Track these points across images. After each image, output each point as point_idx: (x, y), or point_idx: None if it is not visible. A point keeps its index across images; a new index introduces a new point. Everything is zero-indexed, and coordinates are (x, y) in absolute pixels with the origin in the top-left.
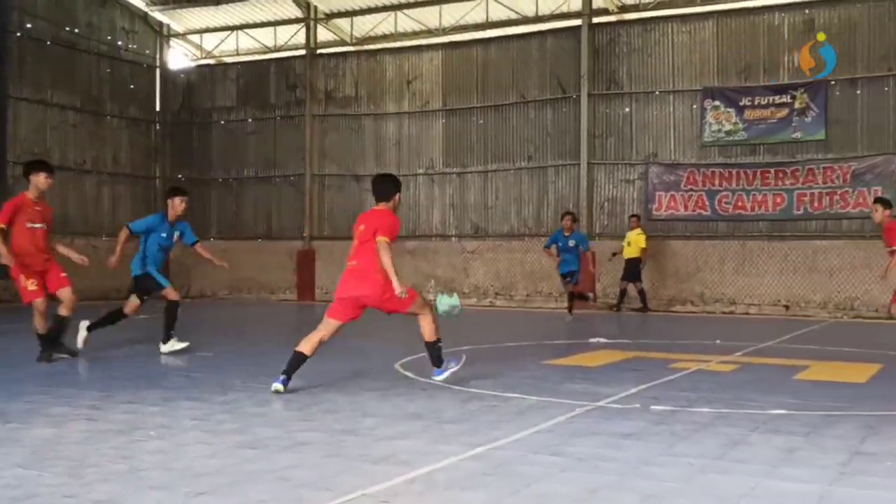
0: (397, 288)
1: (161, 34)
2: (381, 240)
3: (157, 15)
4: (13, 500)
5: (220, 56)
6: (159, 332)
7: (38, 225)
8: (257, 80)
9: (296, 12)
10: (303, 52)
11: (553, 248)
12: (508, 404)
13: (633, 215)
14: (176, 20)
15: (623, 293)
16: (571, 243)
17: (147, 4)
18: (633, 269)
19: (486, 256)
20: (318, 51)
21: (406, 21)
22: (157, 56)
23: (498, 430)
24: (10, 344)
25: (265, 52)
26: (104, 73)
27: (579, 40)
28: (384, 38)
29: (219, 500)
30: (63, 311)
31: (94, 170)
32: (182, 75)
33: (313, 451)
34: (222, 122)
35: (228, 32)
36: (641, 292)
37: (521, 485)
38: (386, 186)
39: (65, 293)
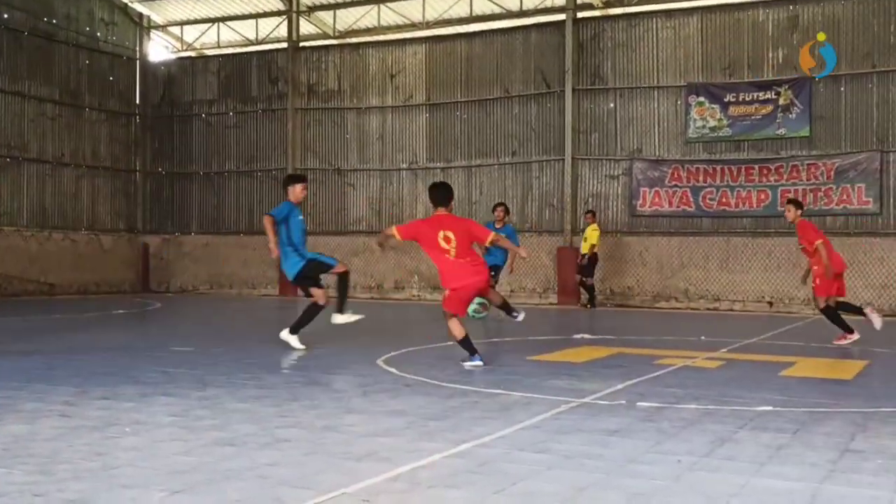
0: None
1: (141, 26)
2: (492, 239)
3: (137, 6)
4: None
5: (201, 48)
6: (136, 329)
7: None
8: (239, 73)
9: (278, 5)
10: (285, 45)
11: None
12: (492, 400)
13: (587, 211)
14: (156, 11)
15: (590, 289)
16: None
17: None
18: (588, 265)
19: None
20: (301, 44)
21: (389, 14)
22: (137, 48)
23: (482, 427)
24: None
25: (247, 45)
26: (83, 64)
27: (564, 35)
28: (367, 31)
29: (195, 499)
30: None
31: (72, 163)
32: (162, 67)
33: (293, 449)
34: (203, 116)
35: (209, 24)
36: (590, 288)
37: (507, 483)
38: (446, 193)
39: None
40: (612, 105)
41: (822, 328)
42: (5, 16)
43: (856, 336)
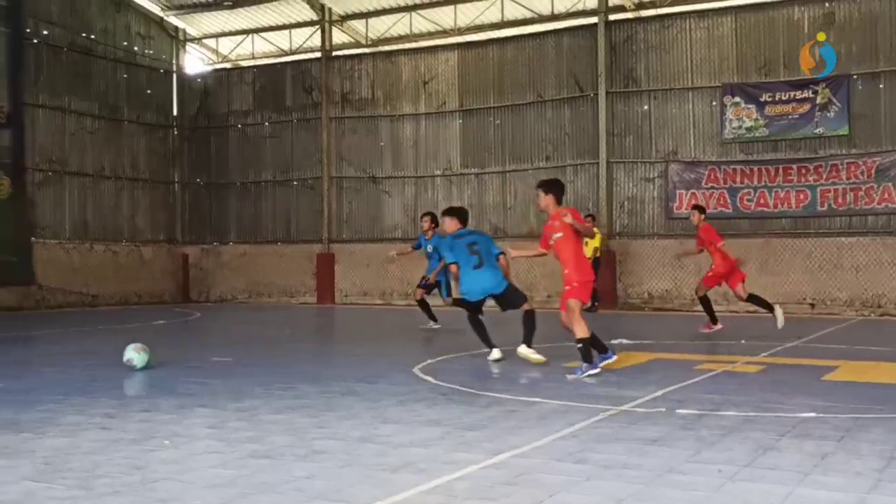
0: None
1: (177, 39)
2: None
3: (173, 20)
4: None
5: (236, 60)
6: (176, 339)
7: None
8: (273, 83)
9: (311, 15)
10: (318, 54)
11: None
12: (529, 409)
13: (587, 215)
14: (192, 25)
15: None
16: (430, 248)
17: (163, 9)
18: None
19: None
20: (334, 53)
21: (421, 22)
22: (174, 61)
23: (519, 437)
24: (23, 352)
25: (281, 56)
26: (121, 78)
27: (596, 38)
28: (399, 39)
29: None
30: None
31: (112, 175)
32: (199, 80)
33: (329, 461)
34: (239, 126)
35: (244, 36)
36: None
37: (544, 494)
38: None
39: None
40: (646, 107)
41: (865, 330)
42: (45, 32)
43: (719, 327)
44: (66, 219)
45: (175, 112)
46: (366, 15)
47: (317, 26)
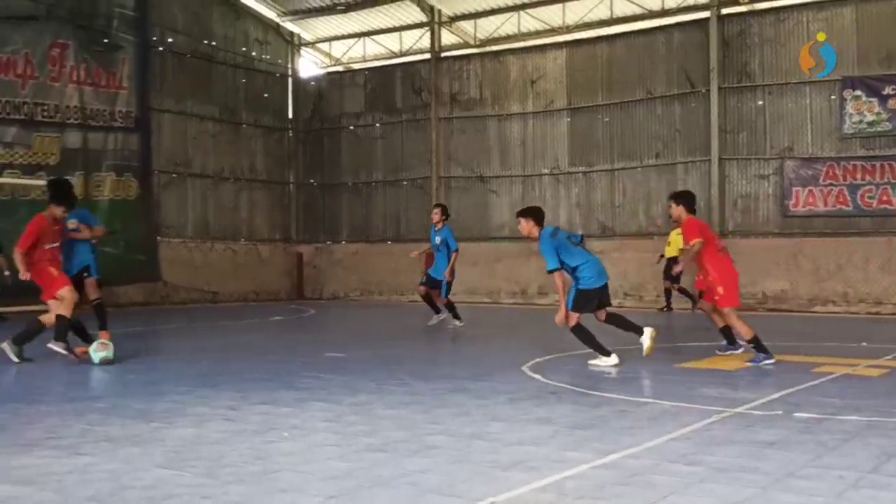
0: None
1: (292, 44)
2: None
3: (289, 25)
4: (151, 499)
5: (348, 63)
6: (292, 335)
7: None
8: (384, 85)
9: (420, 17)
10: (427, 55)
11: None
12: (640, 410)
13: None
14: (306, 29)
15: (668, 293)
16: (438, 241)
17: (279, 15)
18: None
19: (612, 256)
20: (443, 54)
21: (529, 21)
22: (289, 65)
23: (630, 437)
24: (151, 346)
25: (391, 58)
26: (240, 83)
27: (707, 33)
28: (507, 38)
29: None
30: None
31: (231, 177)
32: (313, 83)
33: (442, 456)
34: (351, 128)
35: (356, 39)
36: (674, 291)
37: (657, 496)
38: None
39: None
40: (760, 103)
41: None
42: (170, 40)
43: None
44: (188, 219)
45: (290, 115)
46: (474, 15)
47: (426, 28)
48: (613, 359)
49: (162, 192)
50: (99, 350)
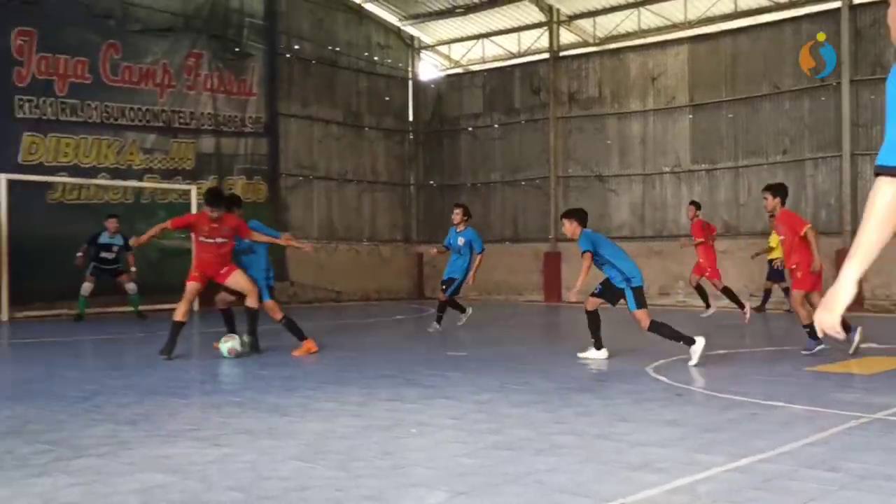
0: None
1: (412, 47)
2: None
3: (409, 29)
4: (288, 490)
5: (467, 65)
6: (414, 334)
7: None
8: (502, 85)
9: (539, 17)
10: (546, 55)
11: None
12: (772, 413)
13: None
14: (426, 33)
15: (767, 294)
16: (461, 241)
17: (400, 19)
18: (778, 270)
19: (737, 256)
20: (561, 53)
21: (650, 17)
22: (410, 68)
23: (762, 441)
24: (281, 344)
25: (510, 58)
26: (362, 87)
27: (839, 23)
28: (627, 35)
29: (477, 502)
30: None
31: (354, 179)
32: (432, 85)
33: (569, 455)
34: (470, 129)
35: (475, 41)
36: (780, 291)
37: (796, 502)
38: None
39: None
40: None
41: None
42: (296, 47)
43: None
44: (314, 220)
45: (411, 117)
46: (593, 14)
47: (545, 28)
48: (604, 353)
49: (289, 194)
50: (226, 341)
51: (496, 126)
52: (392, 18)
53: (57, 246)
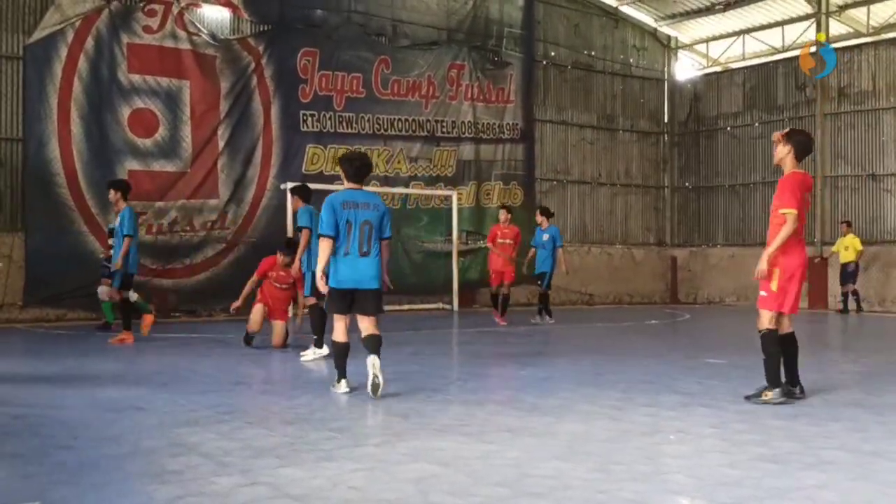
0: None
1: (668, 47)
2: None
3: (665, 29)
4: (552, 489)
5: (725, 63)
6: (669, 339)
7: None
8: (764, 82)
9: (805, 8)
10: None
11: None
12: None
13: (844, 221)
14: (682, 32)
15: (847, 296)
16: (546, 237)
17: (656, 20)
18: (851, 272)
19: None
20: (830, 45)
21: None
22: (665, 69)
23: None
24: (538, 344)
25: (772, 54)
26: (617, 90)
27: None
28: None
29: None
30: None
31: (607, 182)
32: (689, 85)
33: (840, 472)
34: (728, 129)
35: (734, 38)
36: (854, 293)
37: None
38: None
39: None
40: None
41: None
42: (552, 53)
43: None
44: (567, 224)
45: (666, 118)
46: (867, 2)
47: (812, 19)
48: None
49: (543, 198)
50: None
51: (757, 125)
52: (648, 20)
53: None
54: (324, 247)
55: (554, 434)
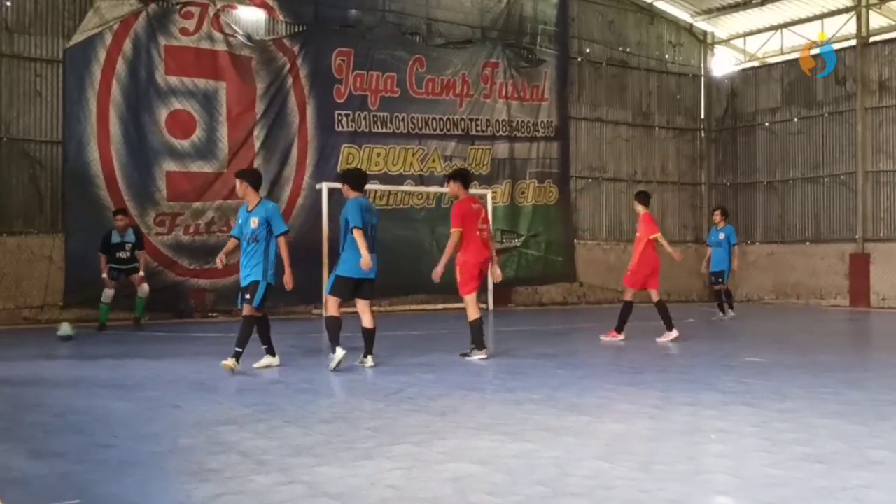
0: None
1: (705, 43)
2: None
3: (702, 24)
4: (593, 489)
5: (763, 58)
6: (709, 337)
7: None
8: (803, 77)
9: (845, 1)
10: (853, 42)
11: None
12: None
13: None
14: (719, 27)
15: None
16: (721, 236)
17: (692, 16)
18: None
19: None
20: (871, 38)
21: None
22: (701, 65)
23: None
24: (569, 345)
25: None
26: (653, 87)
27: None
28: None
29: None
30: None
31: (643, 179)
32: (726, 81)
33: (888, 472)
34: (766, 124)
35: (772, 33)
36: None
37: None
38: None
39: None
40: None
41: None
42: (587, 50)
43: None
44: (602, 222)
45: (702, 115)
46: None
47: (851, 13)
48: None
49: (578, 196)
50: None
51: (795, 120)
52: (684, 15)
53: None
54: (360, 241)
55: (593, 433)
